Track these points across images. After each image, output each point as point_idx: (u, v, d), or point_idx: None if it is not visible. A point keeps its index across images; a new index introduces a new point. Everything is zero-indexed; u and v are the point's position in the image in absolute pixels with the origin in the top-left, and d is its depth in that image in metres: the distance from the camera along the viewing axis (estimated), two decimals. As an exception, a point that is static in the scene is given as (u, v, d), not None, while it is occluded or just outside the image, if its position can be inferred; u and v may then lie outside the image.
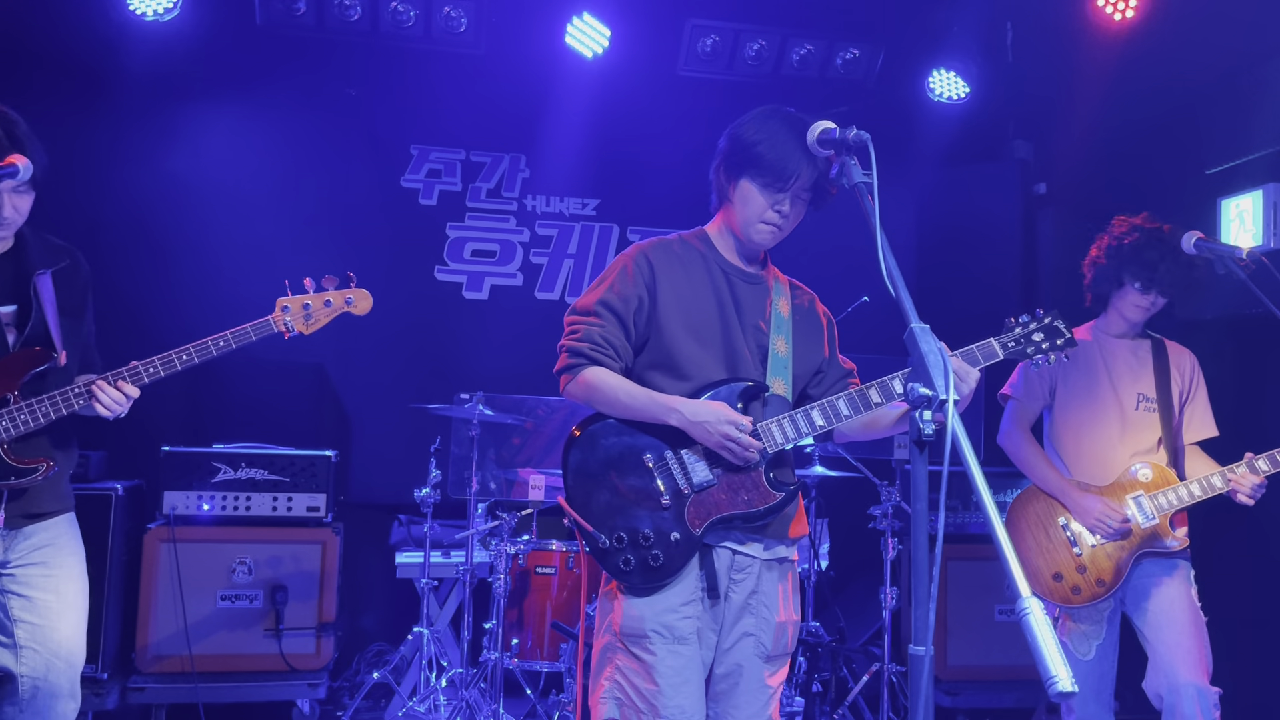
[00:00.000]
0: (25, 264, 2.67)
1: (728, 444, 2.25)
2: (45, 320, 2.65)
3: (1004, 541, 1.40)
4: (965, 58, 5.45)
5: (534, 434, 5.22)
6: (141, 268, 4.97)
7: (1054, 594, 3.19)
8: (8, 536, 2.65)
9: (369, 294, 2.92)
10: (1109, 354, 3.36)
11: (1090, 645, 3.20)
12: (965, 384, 2.26)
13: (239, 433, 4.59)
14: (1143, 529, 3.16)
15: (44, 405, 2.58)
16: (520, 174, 5.60)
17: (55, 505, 2.75)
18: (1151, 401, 3.30)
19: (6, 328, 2.64)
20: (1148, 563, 3.19)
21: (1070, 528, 3.22)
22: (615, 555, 2.28)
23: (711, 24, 5.22)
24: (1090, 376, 3.34)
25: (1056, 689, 1.30)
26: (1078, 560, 3.19)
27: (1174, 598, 3.15)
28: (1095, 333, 3.41)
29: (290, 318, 2.78)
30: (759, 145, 2.31)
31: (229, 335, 2.71)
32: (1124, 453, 3.26)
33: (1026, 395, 3.39)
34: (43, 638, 2.66)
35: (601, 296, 2.39)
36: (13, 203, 2.59)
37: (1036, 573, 3.23)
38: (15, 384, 2.58)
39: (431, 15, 5.01)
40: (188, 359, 2.66)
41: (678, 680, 2.24)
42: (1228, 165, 4.47)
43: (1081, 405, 3.33)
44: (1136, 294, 3.25)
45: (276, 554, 4.32)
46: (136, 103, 4.98)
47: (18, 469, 2.60)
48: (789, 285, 2.55)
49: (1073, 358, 3.32)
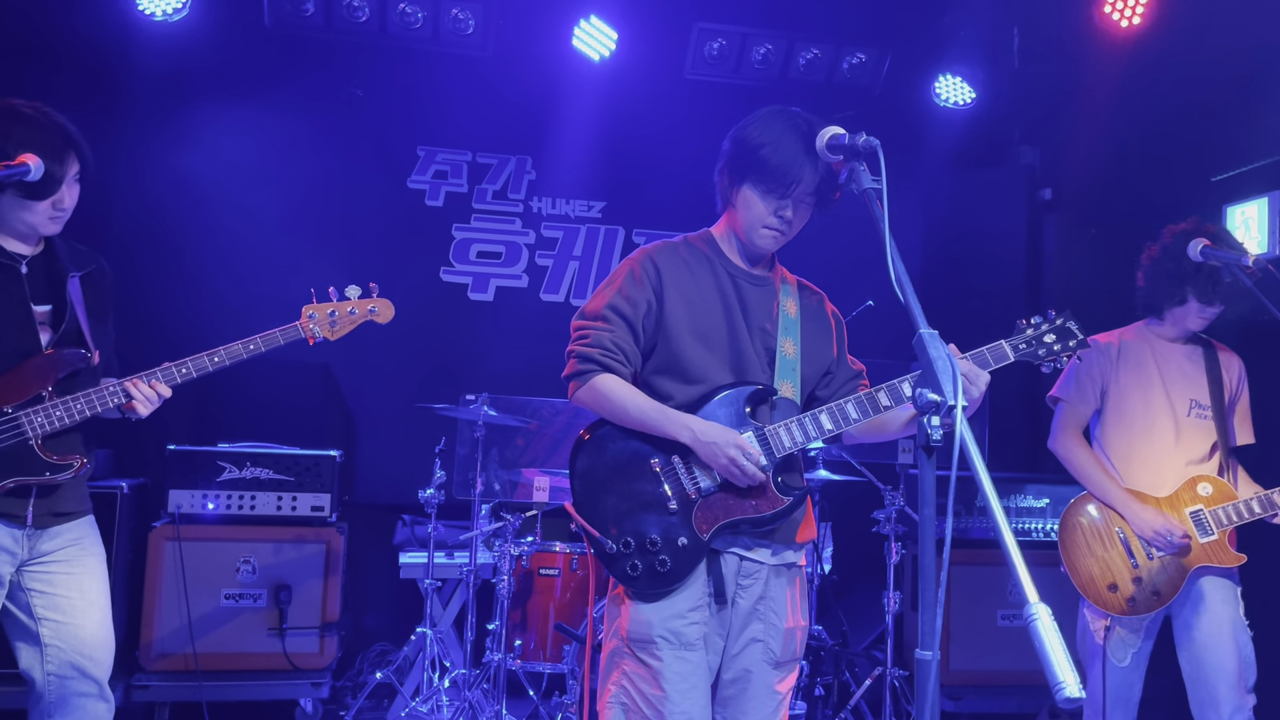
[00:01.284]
0: (58, 266, 2.72)
1: (732, 468, 2.24)
2: (78, 321, 2.70)
3: (1012, 547, 1.40)
4: (971, 63, 5.45)
5: (538, 435, 5.22)
6: (148, 266, 4.98)
7: (1109, 604, 3.15)
8: (34, 535, 2.66)
9: (391, 304, 3.00)
10: (1162, 358, 3.29)
11: (1128, 653, 3.18)
12: (975, 387, 2.24)
13: (244, 432, 4.60)
14: (1202, 544, 3.12)
15: (78, 403, 2.62)
16: (526, 176, 5.61)
17: (79, 505, 2.77)
18: (1205, 408, 3.25)
19: (41, 326, 2.67)
20: (1207, 579, 3.15)
21: (1128, 539, 3.17)
22: (623, 560, 2.27)
23: (718, 27, 5.23)
24: (1143, 380, 3.27)
25: (1064, 694, 1.30)
26: (1134, 572, 3.14)
27: (1222, 616, 3.12)
28: (1147, 335, 3.34)
29: (316, 325, 2.86)
30: (763, 149, 2.30)
31: (259, 339, 2.76)
32: (1178, 461, 3.21)
33: (1078, 398, 3.34)
34: (68, 635, 2.66)
35: (610, 301, 2.37)
36: (71, 195, 2.67)
37: (1091, 581, 3.19)
38: (50, 381, 2.62)
39: (439, 17, 5.03)
40: (219, 361, 2.72)
41: (685, 686, 2.24)
42: (1233, 172, 4.47)
43: (1134, 409, 3.27)
44: (1200, 306, 3.21)
45: (281, 553, 4.33)
46: (145, 102, 4.99)
47: (52, 464, 2.61)
48: (797, 285, 2.53)
49: (1124, 359, 3.29)
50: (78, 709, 2.69)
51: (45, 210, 2.62)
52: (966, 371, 2.26)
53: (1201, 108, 4.61)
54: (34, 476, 2.59)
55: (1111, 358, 3.30)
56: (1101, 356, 3.31)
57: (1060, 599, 4.67)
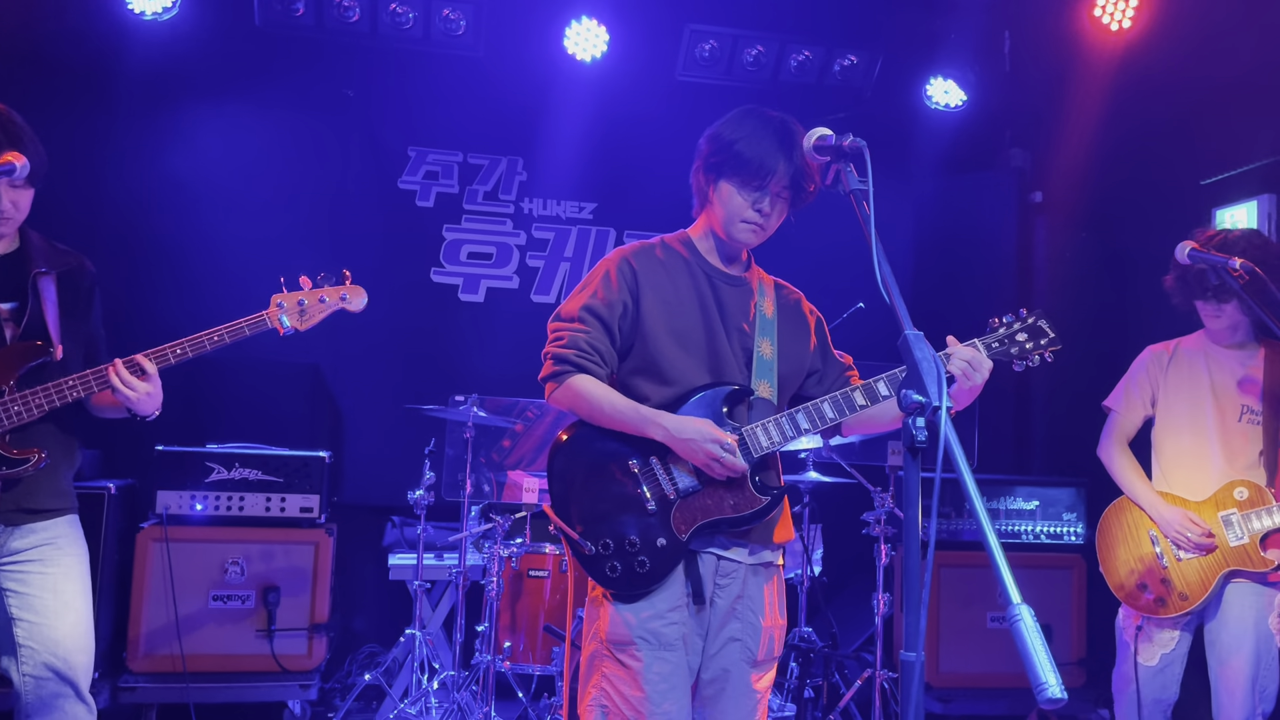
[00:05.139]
0: (27, 264, 2.71)
1: (711, 463, 2.25)
2: (43, 316, 2.68)
3: (995, 547, 1.40)
4: (963, 66, 5.47)
5: (524, 436, 5.22)
6: (136, 263, 4.97)
7: (1139, 604, 3.21)
8: (4, 533, 2.65)
9: (364, 290, 2.89)
10: (1215, 365, 3.30)
11: (1156, 654, 3.21)
12: (978, 373, 2.28)
13: (233, 433, 4.58)
14: (1231, 548, 3.12)
15: (38, 397, 2.60)
16: (518, 177, 5.61)
17: (55, 503, 2.74)
18: (1256, 414, 3.24)
19: (5, 323, 2.66)
20: (1237, 585, 3.15)
21: (1158, 540, 3.22)
22: (601, 562, 2.27)
23: (710, 29, 5.24)
24: (1193, 387, 3.30)
25: (1046, 694, 1.30)
26: (1164, 573, 3.18)
27: (1249, 623, 3.11)
28: (1204, 341, 3.36)
29: (285, 314, 2.78)
30: (737, 144, 2.31)
31: (224, 330, 2.71)
32: (1221, 466, 3.22)
33: (1126, 407, 3.40)
34: (41, 636, 2.65)
35: (586, 302, 2.37)
36: (11, 198, 2.62)
37: (1123, 582, 3.26)
38: (11, 376, 2.62)
39: (430, 17, 5.02)
40: (181, 353, 2.68)
41: (664, 687, 2.24)
42: (1222, 176, 4.48)
43: (1180, 416, 3.31)
44: (1206, 306, 3.24)
45: (269, 554, 4.32)
46: (134, 101, 4.98)
47: (10, 459, 2.61)
48: (774, 285, 2.54)
49: (1178, 368, 3.33)
50: (56, 710, 2.67)
51: None
52: (970, 359, 2.28)
53: (1192, 111, 4.63)
54: None
55: (1163, 365, 3.36)
56: (1154, 364, 3.38)
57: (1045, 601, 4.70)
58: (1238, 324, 3.26)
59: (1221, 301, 3.19)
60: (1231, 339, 3.31)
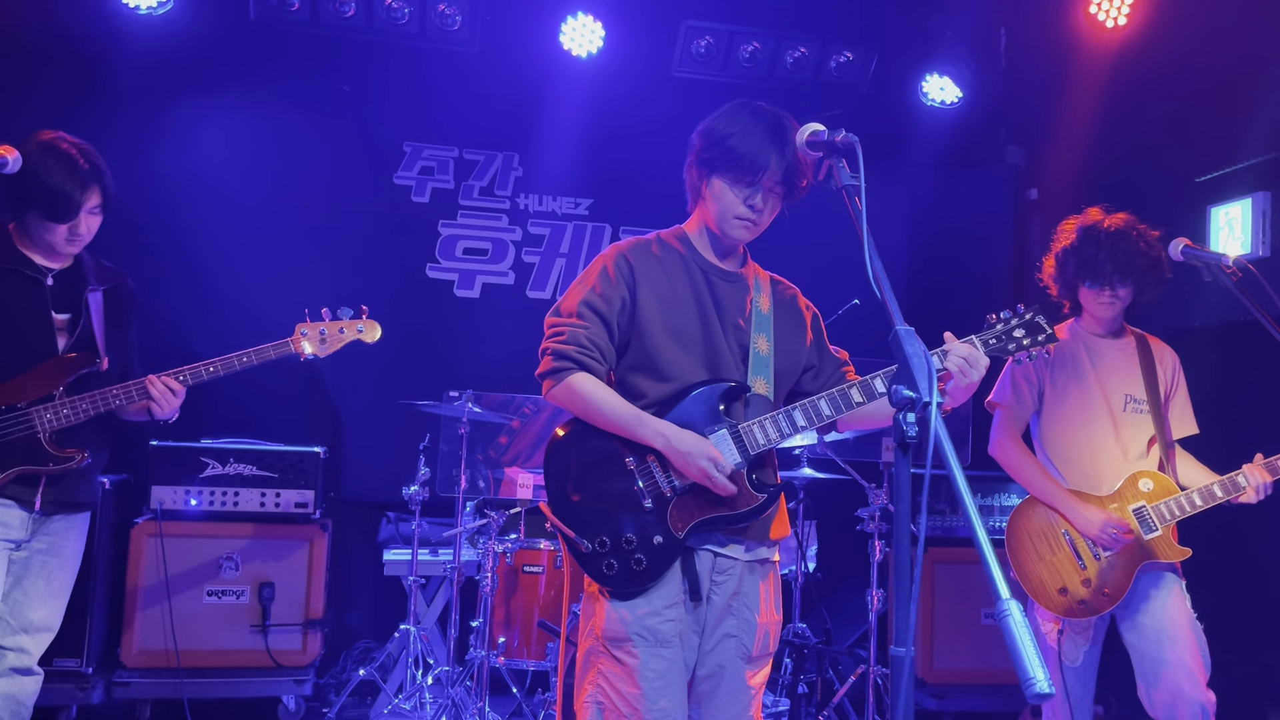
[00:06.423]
0: (81, 280, 3.04)
1: (704, 480, 2.25)
2: (92, 329, 3.01)
3: (984, 543, 1.40)
4: (958, 63, 5.46)
5: (520, 432, 5.22)
6: (129, 259, 4.85)
7: (1060, 607, 3.15)
8: (37, 520, 2.95)
9: (378, 325, 3.25)
10: (1095, 354, 3.30)
11: (1079, 653, 3.18)
12: (975, 370, 2.26)
13: (228, 428, 4.58)
14: (1146, 540, 3.12)
15: (84, 403, 2.92)
16: (513, 172, 5.60)
17: (86, 498, 3.07)
18: (1140, 402, 3.26)
19: (60, 332, 2.98)
20: (1145, 575, 3.15)
21: (1074, 541, 3.16)
22: (598, 559, 2.27)
23: (706, 25, 5.23)
24: (1078, 378, 3.28)
25: (1034, 690, 1.31)
26: (1083, 574, 3.13)
27: (1174, 611, 3.11)
28: (1077, 332, 3.35)
29: (308, 341, 3.14)
30: (730, 139, 2.31)
31: (251, 353, 3.05)
32: (1119, 457, 3.21)
33: (1016, 402, 3.33)
34: (20, 614, 2.94)
35: (584, 298, 2.36)
36: (89, 225, 2.97)
37: (1041, 586, 3.17)
38: (62, 382, 2.93)
39: (426, 13, 5.01)
40: (213, 371, 3.03)
41: (660, 684, 2.24)
42: (1217, 173, 4.49)
43: (1071, 409, 3.28)
44: (1094, 291, 3.24)
45: (264, 550, 4.32)
46: (128, 96, 4.95)
47: (56, 457, 2.90)
48: (770, 281, 2.54)
49: (1057, 359, 3.29)
50: (6, 677, 2.94)
51: (63, 233, 2.93)
52: (966, 355, 2.27)
53: (1187, 108, 4.63)
54: (39, 466, 2.88)
55: (1046, 358, 3.27)
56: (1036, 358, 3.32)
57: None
58: (1122, 312, 3.27)
59: (1117, 287, 3.19)
60: (1112, 327, 3.32)
